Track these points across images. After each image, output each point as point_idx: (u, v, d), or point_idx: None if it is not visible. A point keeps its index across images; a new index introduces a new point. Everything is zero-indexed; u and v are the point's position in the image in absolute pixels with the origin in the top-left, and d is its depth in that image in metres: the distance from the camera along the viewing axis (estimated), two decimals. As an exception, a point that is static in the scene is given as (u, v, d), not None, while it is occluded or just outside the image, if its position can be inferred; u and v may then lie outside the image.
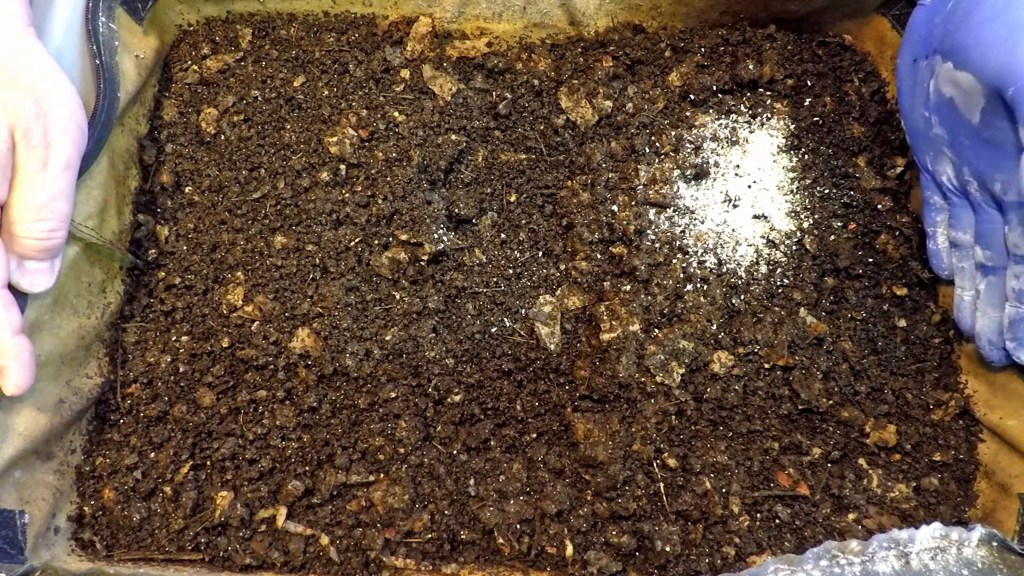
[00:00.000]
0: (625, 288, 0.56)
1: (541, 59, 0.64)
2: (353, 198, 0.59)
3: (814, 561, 0.39)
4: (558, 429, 0.55)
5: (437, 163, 0.60)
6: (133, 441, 0.54)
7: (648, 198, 0.58)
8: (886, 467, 0.53)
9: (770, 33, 0.63)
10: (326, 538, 0.51)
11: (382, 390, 0.54)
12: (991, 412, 0.53)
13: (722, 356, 0.55)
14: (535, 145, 0.62)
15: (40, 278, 0.47)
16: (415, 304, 0.56)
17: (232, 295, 0.57)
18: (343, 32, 0.65)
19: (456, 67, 0.64)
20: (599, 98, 0.62)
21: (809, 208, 0.59)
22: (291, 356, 0.55)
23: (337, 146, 0.60)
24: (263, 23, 0.65)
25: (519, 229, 0.60)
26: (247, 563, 0.51)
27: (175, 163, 0.61)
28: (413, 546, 0.52)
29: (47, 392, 0.50)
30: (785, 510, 0.52)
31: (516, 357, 0.56)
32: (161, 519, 0.52)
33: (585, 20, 0.64)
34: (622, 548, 0.50)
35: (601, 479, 0.52)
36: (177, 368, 0.55)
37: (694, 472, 0.52)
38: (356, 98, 0.62)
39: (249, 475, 0.53)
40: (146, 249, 0.58)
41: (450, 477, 0.53)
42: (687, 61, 0.62)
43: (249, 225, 0.59)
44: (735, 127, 0.61)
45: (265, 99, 0.62)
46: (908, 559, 0.39)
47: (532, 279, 0.59)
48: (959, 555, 0.39)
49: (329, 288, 0.56)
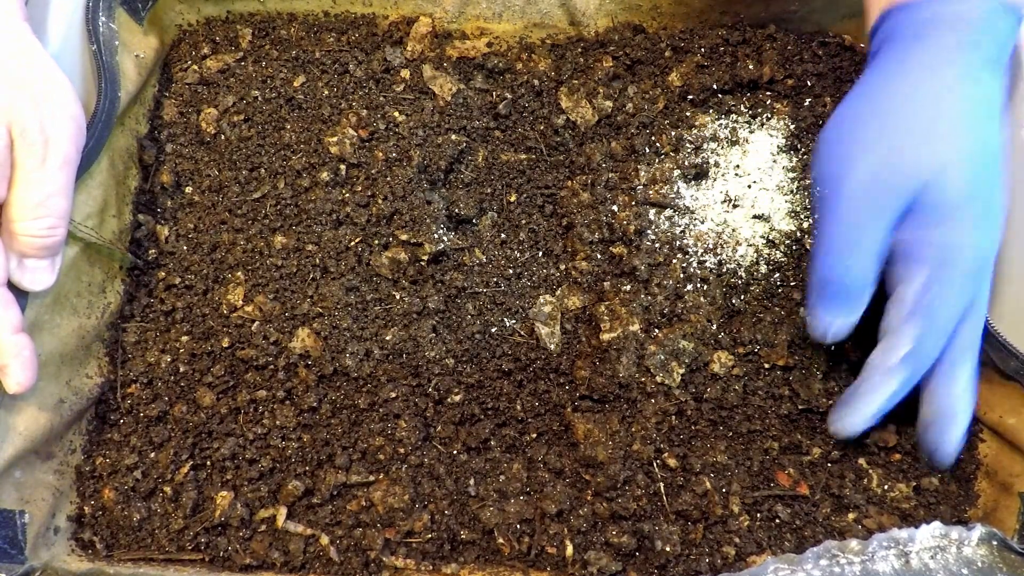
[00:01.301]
0: (625, 288, 0.56)
1: (541, 59, 0.64)
2: (353, 198, 0.59)
3: (814, 561, 0.39)
4: (558, 429, 0.55)
5: (437, 163, 0.60)
6: (133, 441, 0.54)
7: (648, 198, 0.59)
8: (886, 467, 0.53)
9: (770, 33, 0.63)
10: (326, 538, 0.51)
11: (382, 390, 0.55)
12: (991, 411, 0.53)
13: (722, 356, 0.55)
14: (535, 145, 0.62)
15: (40, 276, 0.47)
16: (415, 304, 0.56)
17: (232, 295, 0.57)
18: (343, 32, 0.65)
19: (456, 67, 0.64)
20: (599, 98, 0.62)
21: (809, 208, 0.59)
22: (291, 356, 0.55)
23: (337, 146, 0.60)
24: (263, 23, 0.65)
25: (519, 229, 0.60)
26: (247, 563, 0.51)
27: (175, 163, 0.61)
28: (413, 546, 0.52)
29: (47, 392, 0.50)
30: (785, 510, 0.52)
31: (516, 357, 0.56)
32: (161, 519, 0.52)
33: (585, 20, 0.64)
34: (622, 548, 0.50)
35: (601, 479, 0.52)
36: (177, 368, 0.55)
37: (694, 472, 0.52)
38: (356, 98, 0.62)
39: (249, 475, 0.53)
40: (146, 249, 0.58)
41: (450, 477, 0.53)
42: (687, 61, 0.63)
43: (249, 225, 0.59)
44: (735, 127, 0.61)
45: (265, 99, 0.63)
46: (908, 558, 0.39)
47: (532, 279, 0.59)
48: (959, 554, 0.39)
49: (329, 288, 0.56)
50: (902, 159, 0.44)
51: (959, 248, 0.43)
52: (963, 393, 0.47)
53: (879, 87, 0.47)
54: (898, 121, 0.45)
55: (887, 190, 0.44)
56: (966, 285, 0.44)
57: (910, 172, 0.44)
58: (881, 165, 0.45)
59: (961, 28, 0.44)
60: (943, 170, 0.43)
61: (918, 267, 0.45)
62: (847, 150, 0.46)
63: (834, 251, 0.47)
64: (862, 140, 0.46)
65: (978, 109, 0.44)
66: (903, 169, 0.44)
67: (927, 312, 0.44)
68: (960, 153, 0.43)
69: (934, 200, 0.43)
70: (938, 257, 0.44)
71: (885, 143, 0.45)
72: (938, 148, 0.43)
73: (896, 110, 0.45)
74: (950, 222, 0.43)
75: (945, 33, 0.44)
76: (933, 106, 0.44)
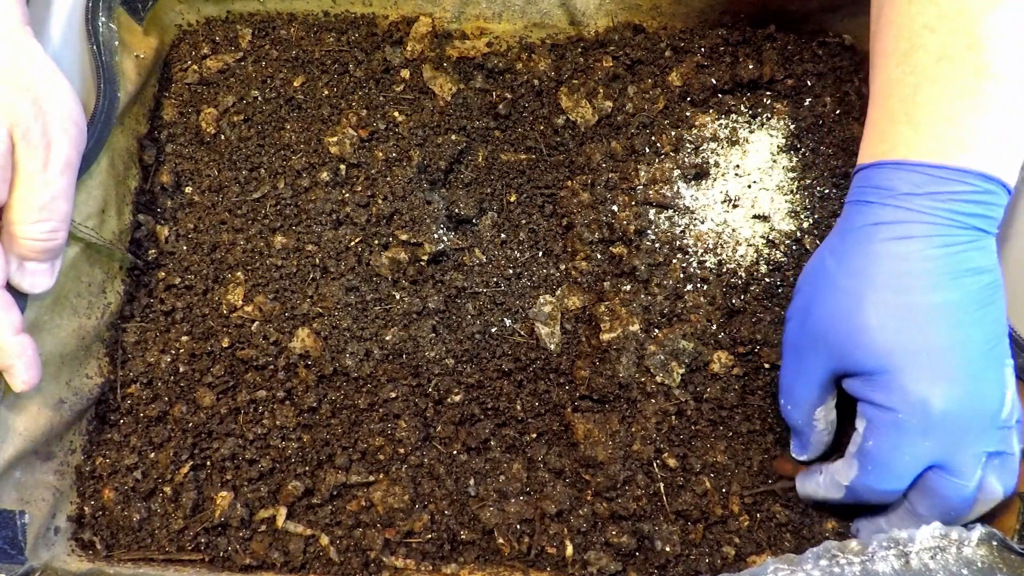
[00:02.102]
0: (625, 288, 0.56)
1: (541, 59, 0.64)
2: (353, 198, 0.59)
3: (814, 561, 0.39)
4: (558, 429, 0.55)
5: (437, 163, 0.60)
6: (133, 441, 0.54)
7: (648, 198, 0.59)
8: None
9: (770, 33, 0.63)
10: (326, 538, 0.51)
11: (382, 390, 0.55)
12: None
13: (722, 356, 0.55)
14: (535, 145, 0.62)
15: (40, 279, 0.47)
16: (415, 304, 0.56)
17: (232, 295, 0.57)
18: (343, 32, 0.65)
19: (456, 67, 0.64)
20: (599, 98, 0.62)
21: (809, 208, 0.59)
22: (291, 356, 0.55)
23: (337, 146, 0.60)
24: (263, 23, 0.65)
25: (519, 229, 0.60)
26: (247, 563, 0.51)
27: (175, 163, 0.61)
28: (413, 546, 0.52)
29: (47, 392, 0.50)
30: (785, 510, 0.52)
31: (516, 357, 0.56)
32: (161, 519, 0.52)
33: (585, 20, 0.64)
34: (622, 548, 0.50)
35: (601, 479, 0.52)
36: (177, 368, 0.55)
37: (694, 472, 0.52)
38: (356, 98, 0.62)
39: (249, 475, 0.53)
40: (146, 249, 0.58)
41: (450, 477, 0.53)
42: (687, 61, 0.62)
43: (249, 225, 0.59)
44: (735, 127, 0.61)
45: (265, 99, 0.63)
46: (908, 558, 0.39)
47: (532, 279, 0.59)
48: (959, 554, 0.39)
49: (329, 288, 0.56)
50: (828, 323, 0.46)
51: (887, 405, 0.44)
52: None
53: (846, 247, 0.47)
54: (835, 283, 0.46)
55: (816, 349, 0.47)
56: (912, 442, 0.43)
57: (835, 338, 0.46)
58: (812, 324, 0.47)
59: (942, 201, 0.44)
60: (861, 334, 0.44)
61: (859, 420, 0.46)
62: (801, 301, 0.49)
63: (782, 392, 0.51)
64: (807, 297, 0.48)
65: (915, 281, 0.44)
66: (828, 333, 0.46)
67: (869, 458, 0.45)
68: (882, 320, 0.44)
69: (853, 365, 0.45)
70: (870, 413, 0.45)
71: (820, 303, 0.47)
72: (861, 316, 0.44)
73: (841, 274, 0.46)
74: (872, 381, 0.45)
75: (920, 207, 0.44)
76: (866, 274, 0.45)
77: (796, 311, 0.49)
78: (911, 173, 0.44)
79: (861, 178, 0.48)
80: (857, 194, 0.48)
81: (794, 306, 0.50)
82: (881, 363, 0.43)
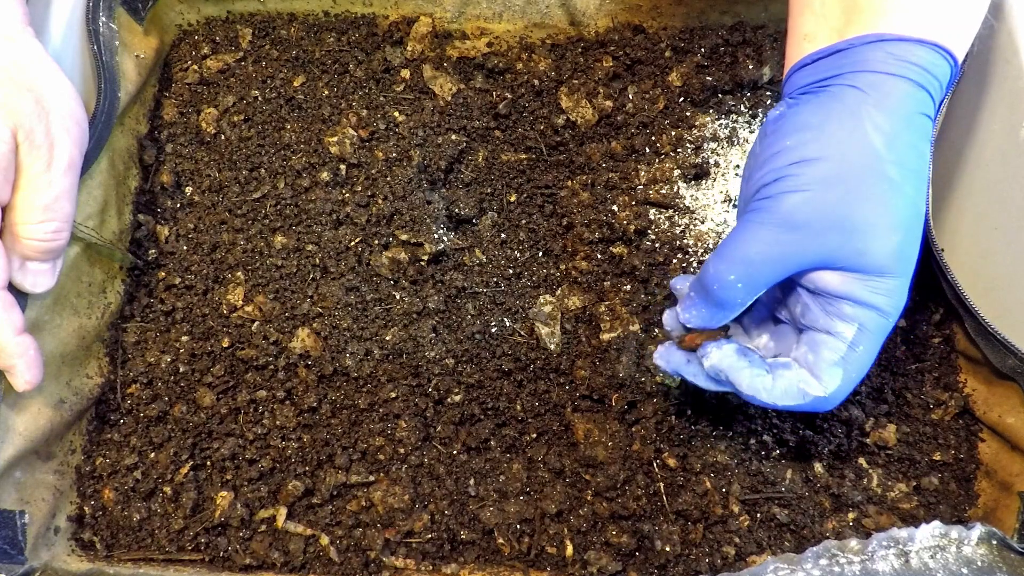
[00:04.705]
0: (625, 288, 0.57)
1: (541, 59, 0.64)
2: (353, 198, 0.59)
3: (814, 560, 0.39)
4: (558, 429, 0.55)
5: (437, 163, 0.60)
6: (133, 441, 0.54)
7: (648, 198, 0.59)
8: (886, 466, 0.53)
9: (770, 33, 0.63)
10: (326, 538, 0.51)
11: (382, 390, 0.55)
12: (990, 411, 0.53)
13: (722, 356, 0.55)
14: (535, 145, 0.62)
15: (42, 279, 0.47)
16: (415, 304, 0.56)
17: (232, 295, 0.57)
18: (343, 32, 0.65)
19: (456, 67, 0.64)
20: (599, 98, 0.62)
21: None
22: (291, 356, 0.55)
23: (337, 146, 0.60)
24: (263, 23, 0.65)
25: (519, 229, 0.60)
26: (247, 563, 0.51)
27: (175, 163, 0.61)
28: (413, 546, 0.52)
29: (47, 392, 0.50)
30: (785, 510, 0.52)
31: (516, 357, 0.56)
32: (161, 519, 0.52)
33: (585, 20, 0.64)
34: (622, 548, 0.50)
35: (601, 479, 0.52)
36: (177, 368, 0.55)
37: (694, 472, 0.52)
38: (356, 98, 0.62)
39: (249, 475, 0.53)
40: (146, 249, 0.58)
41: (450, 477, 0.53)
42: (687, 61, 0.63)
43: (249, 225, 0.59)
44: (735, 127, 0.61)
45: (265, 99, 0.63)
46: (908, 557, 0.39)
47: (532, 279, 0.59)
48: (959, 553, 0.39)
49: (329, 288, 0.56)
50: (829, 214, 0.40)
51: (887, 310, 0.42)
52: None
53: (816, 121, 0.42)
54: (833, 170, 0.40)
55: (815, 231, 0.41)
56: (885, 336, 0.42)
57: (835, 231, 0.40)
58: (806, 211, 0.41)
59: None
60: (871, 233, 0.40)
61: (844, 323, 0.42)
62: (779, 170, 0.42)
63: (728, 261, 0.43)
64: (832, 171, 0.41)
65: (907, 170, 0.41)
66: (825, 225, 0.40)
67: (856, 365, 0.42)
68: (890, 219, 0.40)
69: (858, 262, 0.41)
70: (864, 317, 0.42)
71: (818, 190, 0.40)
72: (868, 211, 0.40)
73: (832, 158, 0.40)
74: (875, 283, 0.41)
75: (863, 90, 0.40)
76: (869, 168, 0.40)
77: (813, 181, 0.40)
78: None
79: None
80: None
81: (808, 174, 0.40)
82: (896, 267, 0.40)
